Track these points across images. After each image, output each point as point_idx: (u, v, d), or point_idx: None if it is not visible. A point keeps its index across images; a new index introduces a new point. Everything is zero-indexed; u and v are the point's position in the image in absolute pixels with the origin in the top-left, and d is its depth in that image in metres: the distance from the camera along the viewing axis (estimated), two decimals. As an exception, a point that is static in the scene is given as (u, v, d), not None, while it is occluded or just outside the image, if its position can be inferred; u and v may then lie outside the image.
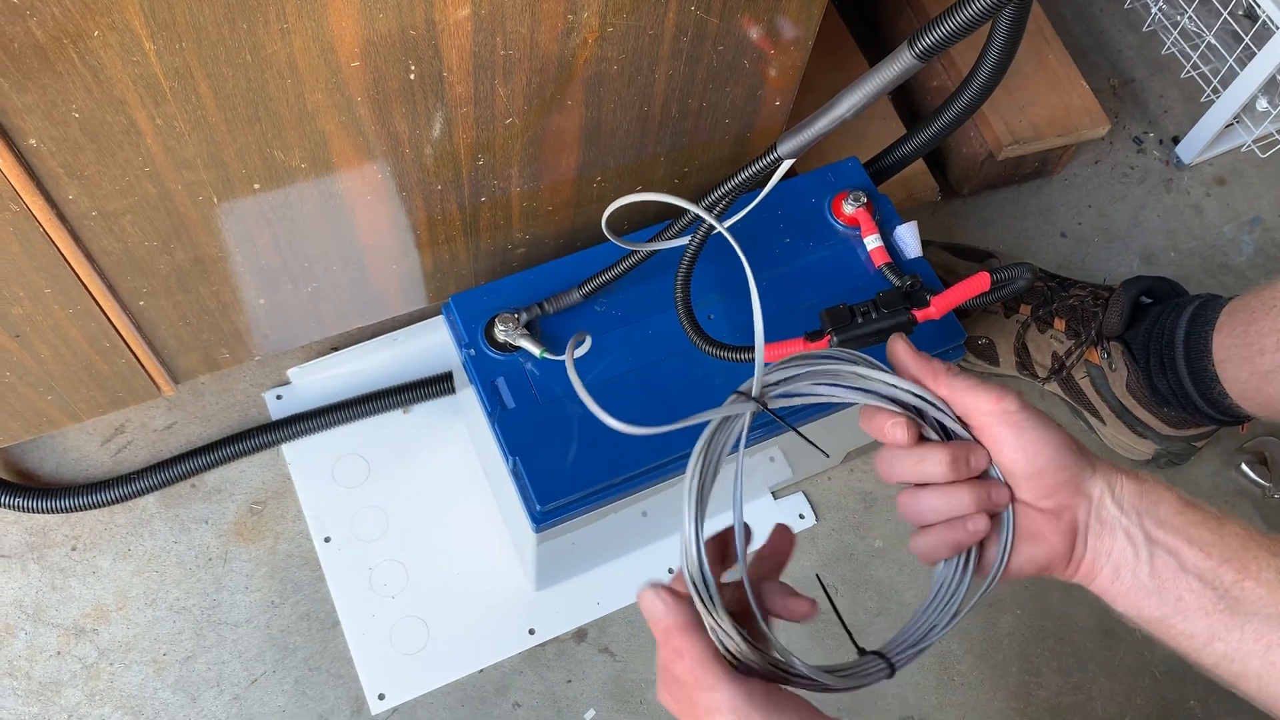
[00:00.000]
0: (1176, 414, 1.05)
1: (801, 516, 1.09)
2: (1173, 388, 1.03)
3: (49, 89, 0.62)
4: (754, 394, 0.61)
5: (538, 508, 0.84)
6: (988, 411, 0.62)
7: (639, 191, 0.76)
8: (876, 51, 1.28)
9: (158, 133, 0.67)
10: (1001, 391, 0.62)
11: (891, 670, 0.61)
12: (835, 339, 0.77)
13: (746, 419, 0.61)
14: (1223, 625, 0.60)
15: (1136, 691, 1.05)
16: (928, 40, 0.64)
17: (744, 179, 0.78)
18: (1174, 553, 0.60)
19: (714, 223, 0.68)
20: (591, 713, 0.99)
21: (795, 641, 1.03)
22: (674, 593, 0.59)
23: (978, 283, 0.76)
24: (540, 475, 0.84)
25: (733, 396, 0.62)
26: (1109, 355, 1.07)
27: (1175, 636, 0.62)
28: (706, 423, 0.61)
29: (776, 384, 0.63)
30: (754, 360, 0.79)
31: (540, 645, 1.01)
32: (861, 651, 0.62)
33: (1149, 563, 0.61)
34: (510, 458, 0.85)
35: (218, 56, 0.64)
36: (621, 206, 0.70)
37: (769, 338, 0.82)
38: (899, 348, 0.65)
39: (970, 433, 0.63)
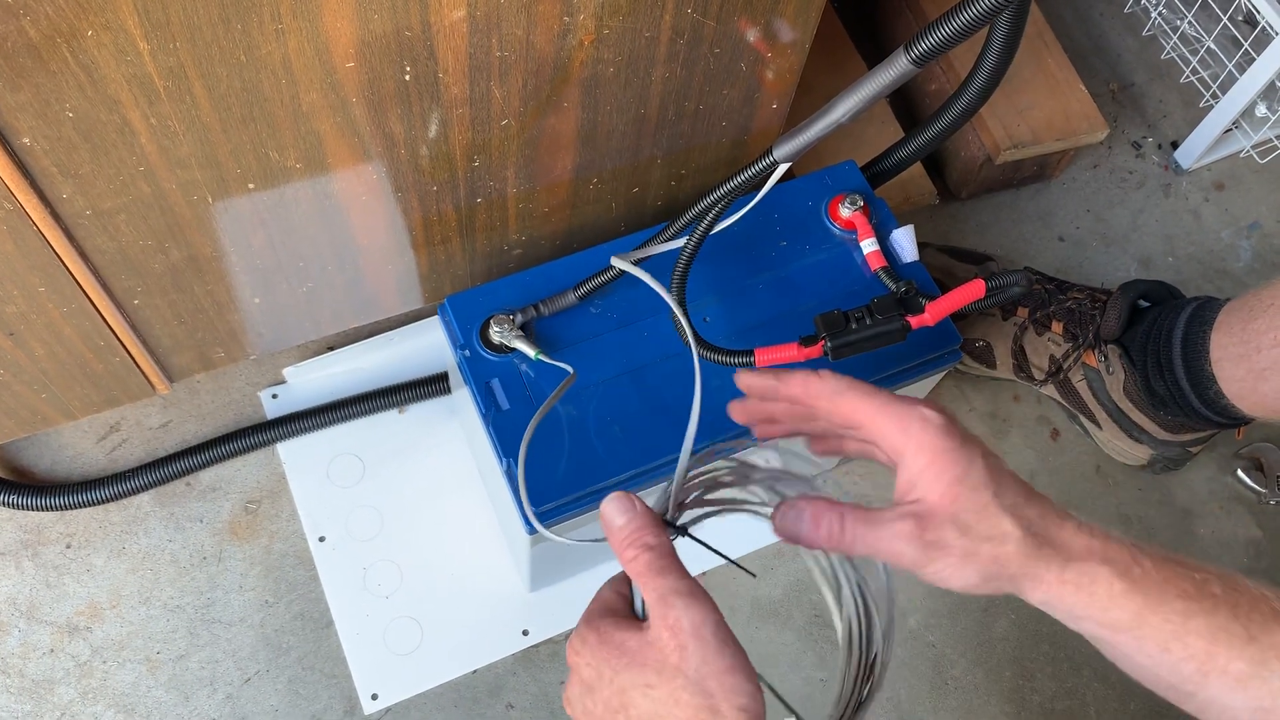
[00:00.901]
0: (1173, 417, 1.05)
1: (796, 519, 1.09)
2: (1169, 389, 1.03)
3: (43, 88, 0.61)
4: (668, 517, 0.59)
5: (532, 510, 0.84)
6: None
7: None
8: (875, 52, 1.28)
9: (152, 132, 0.67)
10: (892, 545, 0.56)
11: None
12: (829, 345, 0.77)
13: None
14: (1179, 698, 0.57)
15: (1131, 696, 1.05)
16: (924, 46, 0.64)
17: (740, 182, 0.78)
18: (1119, 646, 0.57)
19: (674, 306, 0.66)
20: (584, 714, 0.99)
21: (788, 645, 1.04)
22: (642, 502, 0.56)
23: (972, 290, 0.76)
24: (534, 477, 0.84)
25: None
26: (1106, 358, 1.07)
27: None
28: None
29: (689, 502, 0.61)
30: (749, 365, 0.79)
31: (534, 646, 1.01)
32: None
33: (1092, 641, 0.58)
34: (504, 459, 0.84)
35: (212, 57, 0.64)
36: (611, 215, 0.70)
37: (765, 341, 0.82)
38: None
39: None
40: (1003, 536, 0.55)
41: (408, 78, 0.71)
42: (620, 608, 0.57)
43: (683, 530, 0.59)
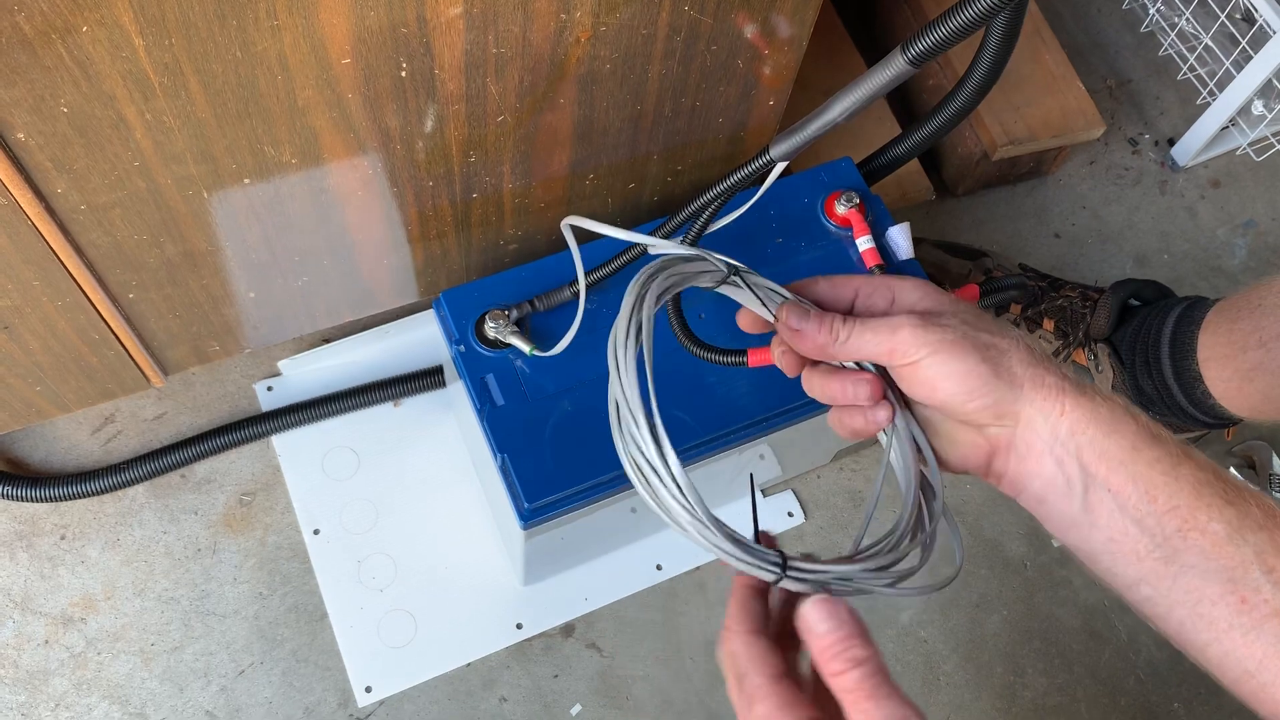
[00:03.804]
0: (1161, 417, 1.05)
1: (790, 514, 1.09)
2: (1157, 388, 1.03)
3: (37, 83, 0.61)
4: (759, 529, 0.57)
5: (525, 505, 0.84)
6: (885, 363, 0.58)
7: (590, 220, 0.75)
8: (873, 47, 1.27)
9: (147, 128, 0.67)
10: (892, 337, 0.56)
11: (778, 575, 0.54)
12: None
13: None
14: (1153, 572, 0.54)
15: (1121, 693, 1.05)
16: (921, 46, 0.64)
17: (736, 181, 0.78)
18: (1114, 492, 0.54)
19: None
20: (578, 708, 1.00)
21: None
22: (844, 603, 0.51)
23: (966, 295, 0.76)
24: (528, 472, 0.84)
25: None
26: (1095, 357, 1.07)
27: (1099, 571, 0.57)
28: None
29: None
30: (742, 364, 0.79)
31: (528, 640, 1.02)
32: (758, 539, 0.56)
33: (1082, 497, 0.55)
34: (499, 455, 0.85)
35: (207, 52, 0.64)
36: (607, 210, 0.69)
37: (759, 340, 0.82)
38: (789, 313, 0.60)
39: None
40: (1004, 332, 0.56)
41: (404, 74, 0.71)
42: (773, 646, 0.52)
43: (786, 567, 0.54)
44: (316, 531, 1.04)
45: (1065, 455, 0.55)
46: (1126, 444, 0.54)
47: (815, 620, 0.50)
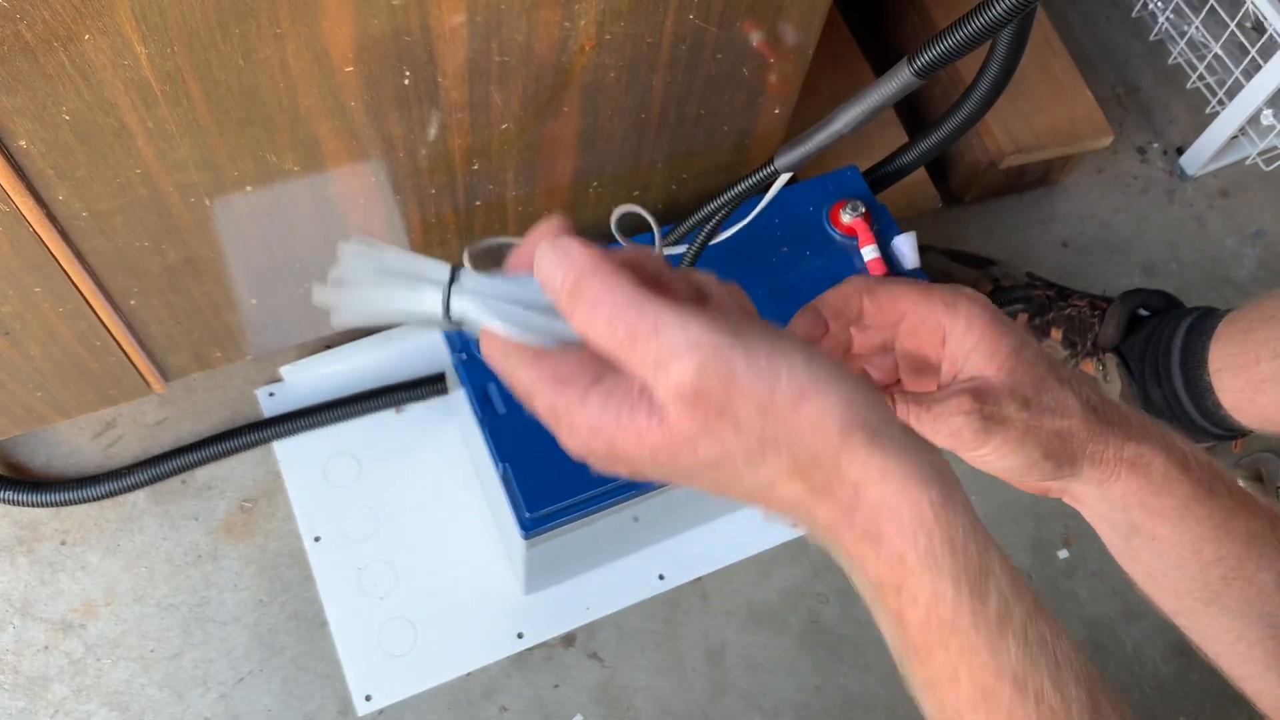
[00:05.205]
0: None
1: (795, 524, 1.08)
2: (1167, 398, 1.02)
3: (39, 91, 0.61)
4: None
5: (527, 515, 0.84)
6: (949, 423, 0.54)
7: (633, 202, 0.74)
8: (881, 54, 1.27)
9: (149, 135, 0.67)
10: (952, 436, 0.52)
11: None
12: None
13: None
14: (1191, 609, 0.55)
15: (1123, 701, 1.04)
16: (927, 58, 0.64)
17: (740, 191, 0.78)
18: (1159, 540, 0.54)
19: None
20: (579, 718, 0.99)
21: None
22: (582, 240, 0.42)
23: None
24: (530, 482, 0.84)
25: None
26: (1104, 367, 1.07)
27: (1141, 588, 0.57)
28: None
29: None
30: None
31: (528, 649, 1.01)
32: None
33: (1126, 539, 0.55)
34: (500, 464, 0.84)
35: (210, 60, 0.63)
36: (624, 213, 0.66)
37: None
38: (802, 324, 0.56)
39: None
40: (1065, 409, 0.52)
41: (406, 82, 0.71)
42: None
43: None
44: (317, 538, 1.03)
45: (1114, 509, 0.54)
46: (1178, 503, 0.53)
47: (548, 271, 0.41)
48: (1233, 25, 1.21)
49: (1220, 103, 1.26)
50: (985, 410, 0.51)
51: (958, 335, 0.53)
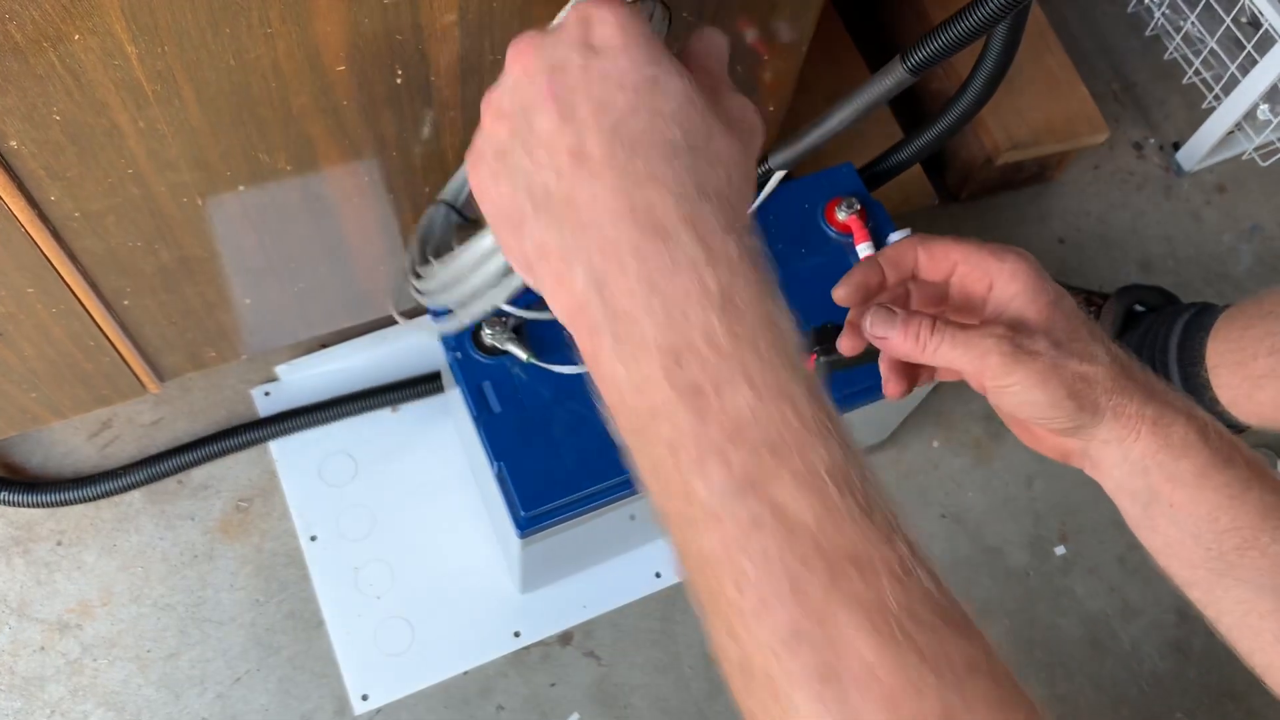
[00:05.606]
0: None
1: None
2: (1165, 395, 1.02)
3: (29, 92, 0.61)
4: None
5: (522, 513, 0.83)
6: (970, 381, 0.58)
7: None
8: (876, 49, 1.27)
9: (140, 135, 0.67)
10: (980, 360, 0.55)
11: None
12: (821, 359, 0.76)
13: None
14: (1205, 580, 0.56)
15: (1123, 703, 1.04)
16: (921, 55, 0.63)
17: (734, 188, 0.77)
18: (1176, 508, 0.55)
19: None
20: (575, 716, 0.99)
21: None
22: None
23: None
24: (525, 481, 0.83)
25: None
26: (1102, 364, 1.07)
27: (1156, 560, 0.58)
28: None
29: None
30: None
31: (525, 648, 1.01)
32: None
33: (1145, 506, 0.57)
34: (496, 463, 0.84)
35: (201, 60, 0.63)
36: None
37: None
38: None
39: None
40: (1093, 357, 0.55)
41: (399, 81, 0.70)
42: None
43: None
44: (313, 538, 1.03)
45: (1134, 472, 0.56)
46: (1196, 469, 0.55)
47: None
48: (1228, 20, 1.21)
49: (1216, 98, 1.26)
50: (1016, 340, 0.55)
51: (1003, 282, 0.57)
